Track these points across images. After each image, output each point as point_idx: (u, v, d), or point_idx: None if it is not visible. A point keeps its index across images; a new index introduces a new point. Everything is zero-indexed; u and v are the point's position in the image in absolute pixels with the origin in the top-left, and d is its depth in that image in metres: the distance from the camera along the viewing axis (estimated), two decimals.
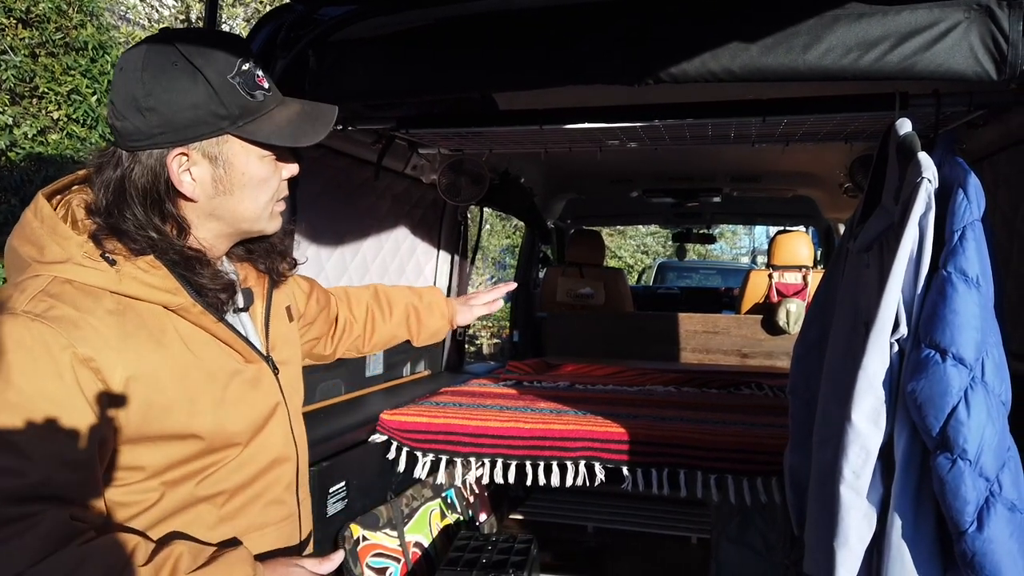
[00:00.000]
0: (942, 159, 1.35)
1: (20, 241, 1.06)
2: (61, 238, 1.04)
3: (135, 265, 1.05)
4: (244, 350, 1.18)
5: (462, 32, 1.70)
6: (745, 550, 2.40)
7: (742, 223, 9.15)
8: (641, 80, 1.58)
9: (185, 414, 1.07)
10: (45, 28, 4.05)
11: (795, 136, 2.20)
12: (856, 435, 1.27)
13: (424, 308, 1.78)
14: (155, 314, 1.07)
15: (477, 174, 2.86)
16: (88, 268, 1.03)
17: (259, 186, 1.15)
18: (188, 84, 1.05)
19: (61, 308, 0.98)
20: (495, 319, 12.21)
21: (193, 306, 1.09)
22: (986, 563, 1.16)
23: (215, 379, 1.12)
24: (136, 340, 1.03)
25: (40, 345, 0.95)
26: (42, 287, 1.00)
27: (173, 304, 1.08)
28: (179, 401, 1.07)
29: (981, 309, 1.19)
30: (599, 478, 2.25)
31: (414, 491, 2.54)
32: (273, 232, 1.23)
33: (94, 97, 4.23)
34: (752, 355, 4.06)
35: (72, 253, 1.03)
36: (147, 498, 1.07)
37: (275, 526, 1.23)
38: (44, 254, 1.03)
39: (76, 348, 0.97)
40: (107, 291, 1.03)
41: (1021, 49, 1.34)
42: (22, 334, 0.95)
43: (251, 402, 1.18)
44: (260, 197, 1.15)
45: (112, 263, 1.04)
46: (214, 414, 1.11)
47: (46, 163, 3.95)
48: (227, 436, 1.13)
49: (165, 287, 1.07)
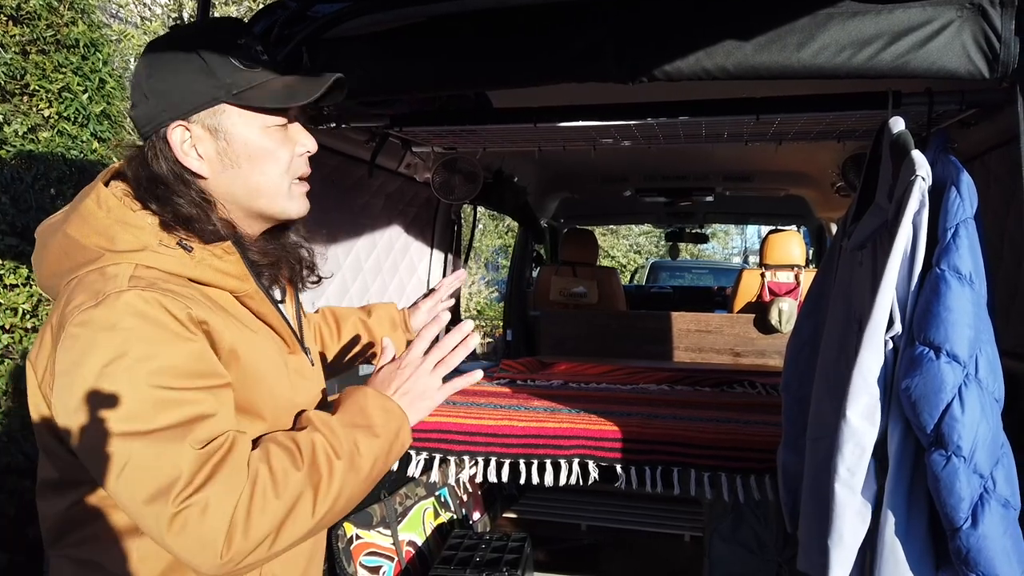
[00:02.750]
0: (935, 157, 1.36)
1: (83, 232, 1.07)
2: (134, 227, 1.06)
3: (210, 252, 1.08)
4: (291, 340, 1.20)
5: (455, 29, 1.69)
6: (738, 548, 2.40)
7: (735, 222, 9.17)
8: (635, 78, 1.58)
9: (266, 393, 1.11)
10: (36, 25, 4.02)
11: (788, 135, 2.21)
12: (851, 432, 1.28)
13: (373, 322, 1.73)
14: (224, 299, 1.10)
15: (471, 172, 2.86)
16: (165, 255, 1.05)
17: (266, 158, 1.14)
18: (184, 63, 1.09)
19: (162, 285, 1.02)
20: (488, 318, 12.21)
21: (257, 292, 1.13)
22: (980, 559, 1.16)
23: (275, 364, 1.15)
24: (221, 318, 1.06)
25: (160, 311, 0.98)
26: (130, 272, 1.02)
27: (240, 290, 1.11)
28: (263, 379, 1.11)
29: (974, 306, 1.19)
30: (592, 476, 2.25)
31: (407, 490, 2.53)
32: (297, 215, 1.22)
33: (85, 95, 4.20)
34: (745, 354, 4.07)
35: (148, 241, 1.05)
36: None
37: None
38: (116, 243, 1.05)
39: (192, 311, 1.01)
40: (184, 277, 1.06)
41: (1013, 48, 1.34)
42: (138, 305, 0.97)
43: (303, 390, 1.21)
44: (269, 170, 1.15)
45: (189, 249, 1.07)
46: (280, 396, 1.14)
47: (37, 161, 3.92)
48: (287, 419, 1.16)
49: (236, 273, 1.10)
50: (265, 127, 1.14)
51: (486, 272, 14.41)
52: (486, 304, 13.67)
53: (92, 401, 0.95)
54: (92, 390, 0.95)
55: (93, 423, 0.95)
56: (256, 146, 1.13)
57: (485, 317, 12.76)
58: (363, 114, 2.22)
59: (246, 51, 1.12)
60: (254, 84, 1.12)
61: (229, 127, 1.12)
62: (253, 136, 1.13)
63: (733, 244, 24.83)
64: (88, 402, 0.95)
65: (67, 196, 4.05)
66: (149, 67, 1.11)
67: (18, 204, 3.80)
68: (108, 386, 0.95)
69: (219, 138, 1.12)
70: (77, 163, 4.13)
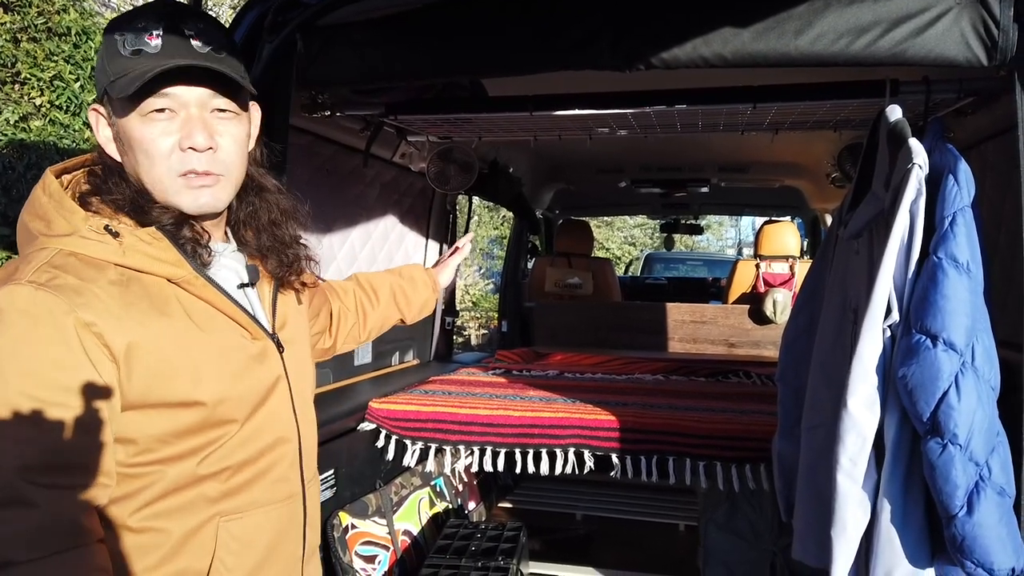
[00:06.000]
0: (932, 146, 1.35)
1: (30, 216, 1.09)
2: (68, 212, 1.07)
3: (137, 237, 1.07)
4: (249, 326, 1.18)
5: (451, 16, 1.68)
6: (733, 537, 2.41)
7: (730, 213, 9.18)
8: (631, 66, 1.57)
9: (188, 382, 1.08)
10: (27, 13, 3.98)
11: (784, 124, 2.20)
12: (852, 423, 1.27)
13: (407, 284, 1.78)
14: (159, 286, 1.09)
15: (466, 162, 2.85)
16: (92, 240, 1.05)
17: (144, 150, 1.09)
18: (106, 46, 1.11)
19: (64, 278, 1.01)
20: (484, 309, 12.21)
21: (196, 278, 1.11)
22: (975, 547, 1.16)
23: (219, 351, 1.13)
24: (138, 309, 1.05)
25: (44, 312, 0.98)
26: (47, 259, 1.03)
27: (176, 276, 1.09)
28: (182, 369, 1.08)
29: (971, 295, 1.19)
30: (588, 466, 2.25)
31: (403, 479, 2.53)
32: (189, 210, 1.14)
33: (77, 83, 4.17)
34: (739, 344, 4.08)
35: (77, 226, 1.05)
36: (148, 474, 1.08)
37: (280, 504, 1.23)
38: (51, 228, 1.06)
39: (78, 313, 0.99)
40: (111, 264, 1.05)
41: (1012, 35, 1.34)
42: (26, 302, 0.98)
43: (255, 376, 1.18)
44: (150, 165, 1.10)
45: (115, 235, 1.06)
46: (217, 383, 1.12)
47: (28, 150, 3.90)
48: (229, 408, 1.14)
49: (167, 259, 1.09)
50: (141, 116, 1.09)
51: (482, 262, 14.40)
52: (482, 295, 13.66)
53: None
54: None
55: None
56: (133, 136, 1.10)
57: (481, 308, 12.75)
58: (357, 102, 2.21)
59: (140, 35, 1.09)
60: (127, 72, 1.07)
61: (115, 115, 1.11)
62: (130, 126, 1.10)
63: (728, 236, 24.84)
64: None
65: None
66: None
67: (9, 193, 3.78)
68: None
69: (112, 125, 1.12)
70: (70, 152, 4.11)
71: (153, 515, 1.08)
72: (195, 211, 1.14)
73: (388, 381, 2.79)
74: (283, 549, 1.25)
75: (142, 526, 1.07)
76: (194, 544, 1.10)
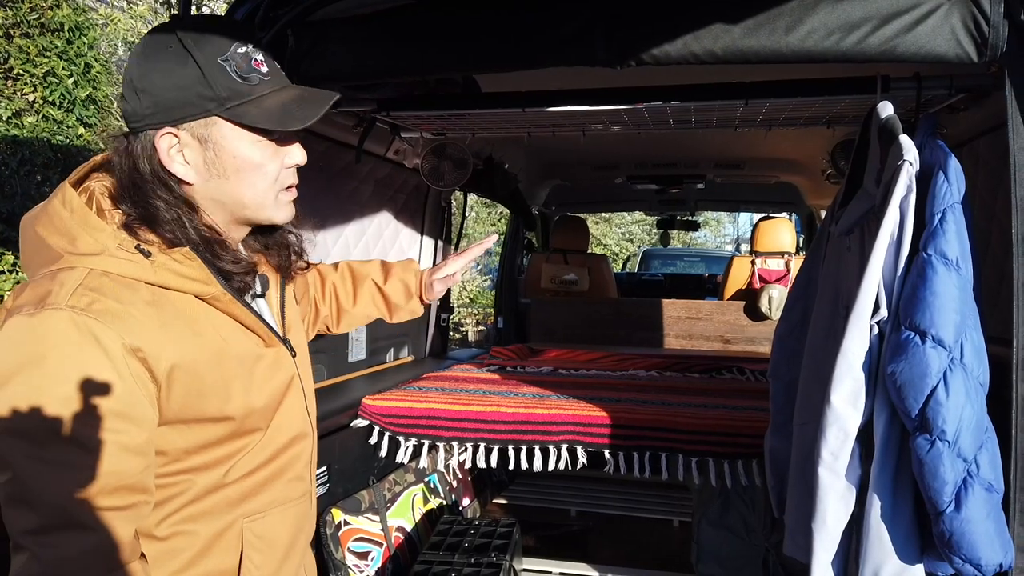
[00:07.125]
0: (923, 142, 1.35)
1: (49, 231, 1.06)
2: (94, 229, 1.05)
3: (170, 256, 1.07)
4: (266, 335, 1.19)
5: (443, 12, 1.68)
6: (726, 533, 2.42)
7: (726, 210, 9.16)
8: (623, 62, 1.57)
9: (220, 399, 1.09)
10: (19, 8, 3.97)
11: (777, 120, 2.20)
12: (835, 417, 1.28)
13: (390, 290, 1.73)
14: (188, 303, 1.09)
15: (460, 158, 2.84)
16: (123, 260, 1.04)
17: (254, 171, 1.13)
18: (177, 65, 1.06)
19: (104, 301, 1.00)
20: (480, 306, 12.21)
21: (224, 295, 1.11)
22: (963, 543, 1.17)
23: (243, 363, 1.14)
24: (174, 329, 1.05)
25: (90, 339, 0.97)
26: (80, 280, 1.01)
27: (205, 294, 1.10)
28: (215, 386, 1.09)
29: (961, 291, 1.19)
30: (581, 462, 2.26)
31: (396, 476, 2.53)
32: (283, 221, 1.22)
33: (70, 79, 4.15)
34: (734, 341, 4.09)
35: (106, 245, 1.04)
36: (177, 483, 1.09)
37: (295, 502, 1.26)
38: (77, 245, 1.04)
39: (124, 339, 0.99)
40: (142, 282, 1.05)
41: (1002, 31, 1.34)
42: (69, 329, 0.96)
43: (274, 384, 1.20)
44: (257, 183, 1.14)
45: (147, 255, 1.05)
46: (245, 397, 1.13)
47: (21, 146, 3.89)
48: (255, 418, 1.16)
49: (199, 277, 1.08)
50: (254, 140, 1.12)
51: (479, 258, 14.39)
52: (478, 292, 13.66)
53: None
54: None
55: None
56: (245, 159, 1.12)
57: (477, 305, 12.76)
58: (350, 98, 2.20)
59: (245, 60, 1.10)
60: (249, 99, 1.09)
61: (219, 139, 1.10)
62: (243, 149, 1.11)
63: (725, 232, 24.86)
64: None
65: (53, 182, 4.02)
66: (142, 63, 1.08)
67: (3, 190, 3.76)
68: (12, 396, 0.94)
69: (208, 148, 1.10)
70: (63, 149, 4.09)
71: (180, 520, 1.09)
72: (288, 220, 1.22)
73: (382, 378, 2.79)
74: (299, 545, 1.29)
75: (168, 532, 1.08)
76: (222, 544, 1.13)
